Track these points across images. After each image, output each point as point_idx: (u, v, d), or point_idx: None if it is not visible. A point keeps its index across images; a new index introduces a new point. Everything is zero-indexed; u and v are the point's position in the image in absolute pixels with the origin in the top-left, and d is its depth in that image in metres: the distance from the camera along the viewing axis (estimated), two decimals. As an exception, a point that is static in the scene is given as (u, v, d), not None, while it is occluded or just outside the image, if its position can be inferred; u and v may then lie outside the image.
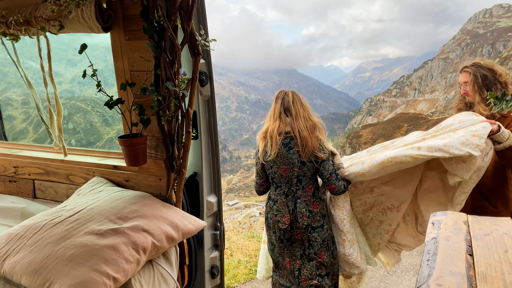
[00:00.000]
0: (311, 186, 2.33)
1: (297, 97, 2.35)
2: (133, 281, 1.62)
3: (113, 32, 1.92)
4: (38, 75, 2.11)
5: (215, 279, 2.48)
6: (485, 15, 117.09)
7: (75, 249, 1.52)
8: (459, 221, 1.31)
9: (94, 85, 1.77)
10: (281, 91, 2.40)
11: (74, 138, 7.34)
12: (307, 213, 2.30)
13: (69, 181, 2.35)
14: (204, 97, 2.19)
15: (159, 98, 1.77)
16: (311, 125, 2.28)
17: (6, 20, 1.93)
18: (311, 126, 2.27)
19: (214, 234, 2.45)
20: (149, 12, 1.68)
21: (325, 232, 2.35)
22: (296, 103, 2.32)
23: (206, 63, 2.14)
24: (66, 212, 1.77)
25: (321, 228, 2.33)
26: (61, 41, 2.82)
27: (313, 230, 2.32)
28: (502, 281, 0.92)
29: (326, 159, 2.28)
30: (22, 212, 2.25)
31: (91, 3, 1.73)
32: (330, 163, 2.29)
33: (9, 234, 1.70)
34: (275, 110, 2.35)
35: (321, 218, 2.34)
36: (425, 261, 1.05)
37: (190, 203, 2.28)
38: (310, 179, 2.33)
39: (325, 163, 2.27)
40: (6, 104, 3.55)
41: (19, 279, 1.51)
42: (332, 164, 2.32)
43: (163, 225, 1.77)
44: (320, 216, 2.34)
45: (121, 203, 1.82)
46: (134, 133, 1.89)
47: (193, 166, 2.29)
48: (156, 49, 1.70)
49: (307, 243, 2.36)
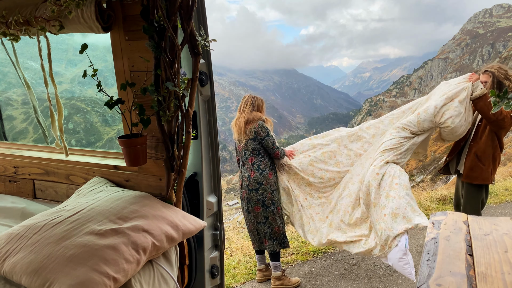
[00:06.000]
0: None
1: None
2: (133, 281, 1.61)
3: (113, 32, 1.92)
4: (39, 75, 2.11)
5: (215, 279, 2.48)
6: (485, 15, 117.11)
7: (75, 249, 1.52)
8: (459, 221, 1.31)
9: (94, 85, 1.77)
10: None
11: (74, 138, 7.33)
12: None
13: (69, 181, 2.35)
14: (204, 97, 2.19)
15: (159, 98, 1.77)
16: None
17: (6, 20, 1.93)
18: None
19: (214, 234, 2.45)
20: (149, 12, 1.68)
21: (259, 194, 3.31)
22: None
23: (206, 63, 2.14)
24: (66, 212, 1.77)
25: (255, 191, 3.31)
26: (61, 41, 2.82)
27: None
28: (502, 281, 0.92)
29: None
30: (22, 212, 2.25)
31: (91, 3, 1.73)
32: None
33: (9, 234, 1.70)
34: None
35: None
36: (425, 261, 1.05)
37: (190, 203, 2.28)
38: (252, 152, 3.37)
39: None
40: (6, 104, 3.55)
41: (19, 279, 1.51)
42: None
43: (163, 225, 1.77)
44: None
45: (121, 203, 1.82)
46: (134, 133, 1.88)
47: (193, 166, 2.29)
48: (156, 49, 1.70)
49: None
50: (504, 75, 3.18)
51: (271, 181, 3.32)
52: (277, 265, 3.40)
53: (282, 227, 3.37)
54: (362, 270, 3.71)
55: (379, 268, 3.71)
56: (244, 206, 3.43)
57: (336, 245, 3.35)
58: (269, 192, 3.30)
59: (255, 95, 3.45)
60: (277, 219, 3.34)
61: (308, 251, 4.16)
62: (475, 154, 3.27)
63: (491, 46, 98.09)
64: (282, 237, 3.37)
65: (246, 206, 3.38)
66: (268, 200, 3.31)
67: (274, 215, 3.33)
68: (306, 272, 3.74)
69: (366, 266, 3.79)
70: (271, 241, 3.35)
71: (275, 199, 3.34)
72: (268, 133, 3.28)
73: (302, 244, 4.34)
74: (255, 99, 3.39)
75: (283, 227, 3.39)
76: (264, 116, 3.43)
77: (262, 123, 3.28)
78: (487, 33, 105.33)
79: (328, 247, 4.23)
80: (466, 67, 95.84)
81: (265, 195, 3.30)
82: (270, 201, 3.31)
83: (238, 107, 3.45)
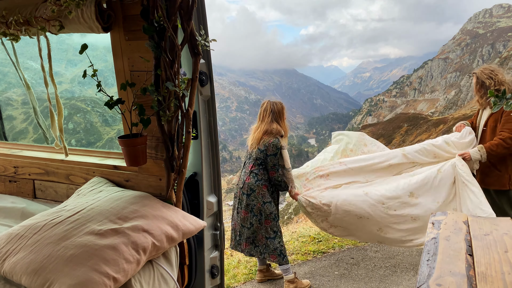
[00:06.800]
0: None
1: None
2: (133, 281, 1.62)
3: (113, 32, 1.92)
4: (39, 75, 2.11)
5: (215, 279, 2.48)
6: (485, 15, 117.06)
7: (75, 249, 1.52)
8: (459, 221, 1.31)
9: (94, 85, 1.77)
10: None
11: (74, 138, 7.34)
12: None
13: (69, 181, 2.35)
14: (204, 97, 2.19)
15: (159, 98, 1.77)
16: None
17: (6, 20, 1.93)
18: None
19: (214, 234, 2.45)
20: (149, 12, 1.68)
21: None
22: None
23: (206, 63, 2.14)
24: (66, 212, 1.77)
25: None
26: (61, 41, 2.83)
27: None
28: (502, 281, 0.92)
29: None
30: (22, 212, 2.25)
31: (91, 3, 1.73)
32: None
33: (9, 234, 1.70)
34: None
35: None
36: (425, 261, 1.05)
37: (190, 203, 2.28)
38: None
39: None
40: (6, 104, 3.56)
41: (19, 279, 1.51)
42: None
43: (163, 225, 1.77)
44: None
45: (121, 203, 1.82)
46: (134, 133, 1.89)
47: (193, 166, 2.29)
48: (156, 49, 1.70)
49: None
50: (487, 75, 3.22)
51: (265, 192, 3.22)
52: (286, 268, 3.27)
53: (265, 240, 3.24)
54: (362, 270, 3.71)
55: (379, 268, 3.71)
56: (235, 204, 3.41)
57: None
58: (259, 202, 3.21)
59: (274, 101, 3.35)
60: (262, 230, 3.24)
61: (308, 251, 4.16)
62: (488, 159, 3.13)
63: (491, 46, 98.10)
64: (265, 248, 3.25)
65: (237, 205, 3.36)
66: (257, 209, 3.22)
67: (261, 224, 3.23)
68: (306, 272, 3.74)
69: (366, 266, 3.79)
70: (252, 245, 3.28)
71: (265, 211, 3.21)
72: (276, 154, 3.18)
73: (302, 244, 4.34)
74: (274, 106, 3.27)
75: (267, 240, 3.24)
76: (285, 123, 3.34)
77: (277, 142, 3.18)
78: (487, 33, 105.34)
79: (328, 247, 4.24)
80: (466, 67, 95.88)
81: (255, 203, 3.22)
82: (259, 210, 3.22)
83: (258, 115, 3.37)
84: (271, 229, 3.23)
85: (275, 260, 3.23)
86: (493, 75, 3.22)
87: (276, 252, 3.21)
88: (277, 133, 3.22)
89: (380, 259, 3.90)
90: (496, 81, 3.21)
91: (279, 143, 3.20)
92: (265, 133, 3.22)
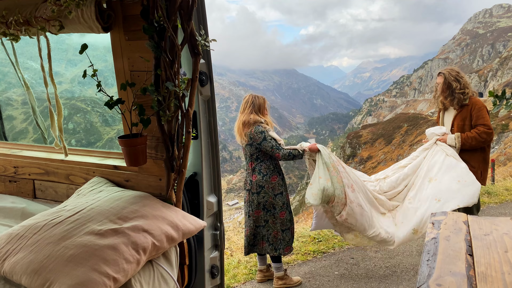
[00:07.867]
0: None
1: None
2: (133, 281, 1.61)
3: (113, 32, 1.92)
4: (39, 75, 2.11)
5: (215, 279, 2.48)
6: (485, 15, 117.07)
7: (75, 249, 1.52)
8: (459, 221, 1.31)
9: (94, 85, 1.77)
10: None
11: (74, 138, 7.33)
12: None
13: (69, 181, 2.35)
14: (204, 97, 2.19)
15: (159, 98, 1.77)
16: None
17: (6, 20, 1.93)
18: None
19: (214, 234, 2.45)
20: (149, 12, 1.68)
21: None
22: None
23: (206, 63, 2.14)
24: (66, 212, 1.77)
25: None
26: (61, 41, 2.83)
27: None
28: (502, 281, 0.92)
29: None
30: (22, 212, 2.25)
31: (91, 3, 1.73)
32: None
33: (9, 234, 1.70)
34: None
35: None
36: (425, 261, 1.05)
37: (190, 203, 2.28)
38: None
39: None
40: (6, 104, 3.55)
41: (19, 279, 1.51)
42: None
43: (163, 225, 1.77)
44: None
45: (121, 203, 1.82)
46: (134, 133, 1.88)
47: (193, 166, 2.29)
48: (156, 49, 1.70)
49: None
50: (454, 76, 3.29)
51: (274, 184, 3.25)
52: (279, 266, 3.40)
53: (281, 233, 3.29)
54: (362, 270, 3.71)
55: (379, 268, 3.71)
56: (245, 209, 3.41)
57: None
58: (271, 196, 3.24)
59: (256, 94, 3.37)
60: (277, 224, 3.28)
61: (308, 251, 4.16)
62: (463, 157, 3.30)
63: (491, 46, 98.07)
64: (279, 243, 3.30)
65: (247, 209, 3.35)
66: (269, 204, 3.26)
67: (275, 219, 3.28)
68: (306, 272, 3.74)
69: (366, 266, 3.79)
70: (267, 244, 3.32)
71: (277, 203, 3.26)
72: (265, 138, 3.17)
73: (302, 244, 4.34)
74: (255, 99, 3.30)
75: (282, 233, 3.30)
76: (267, 115, 3.35)
77: (258, 128, 3.18)
78: (487, 33, 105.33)
79: (328, 247, 4.24)
80: (466, 67, 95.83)
81: (266, 198, 3.25)
82: (271, 205, 3.26)
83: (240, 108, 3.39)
84: (286, 220, 3.31)
85: (287, 252, 3.33)
86: (460, 78, 3.32)
87: (289, 243, 3.34)
88: (255, 122, 3.22)
89: (380, 259, 3.90)
90: (462, 84, 3.28)
91: (261, 128, 3.19)
92: (244, 124, 3.22)
